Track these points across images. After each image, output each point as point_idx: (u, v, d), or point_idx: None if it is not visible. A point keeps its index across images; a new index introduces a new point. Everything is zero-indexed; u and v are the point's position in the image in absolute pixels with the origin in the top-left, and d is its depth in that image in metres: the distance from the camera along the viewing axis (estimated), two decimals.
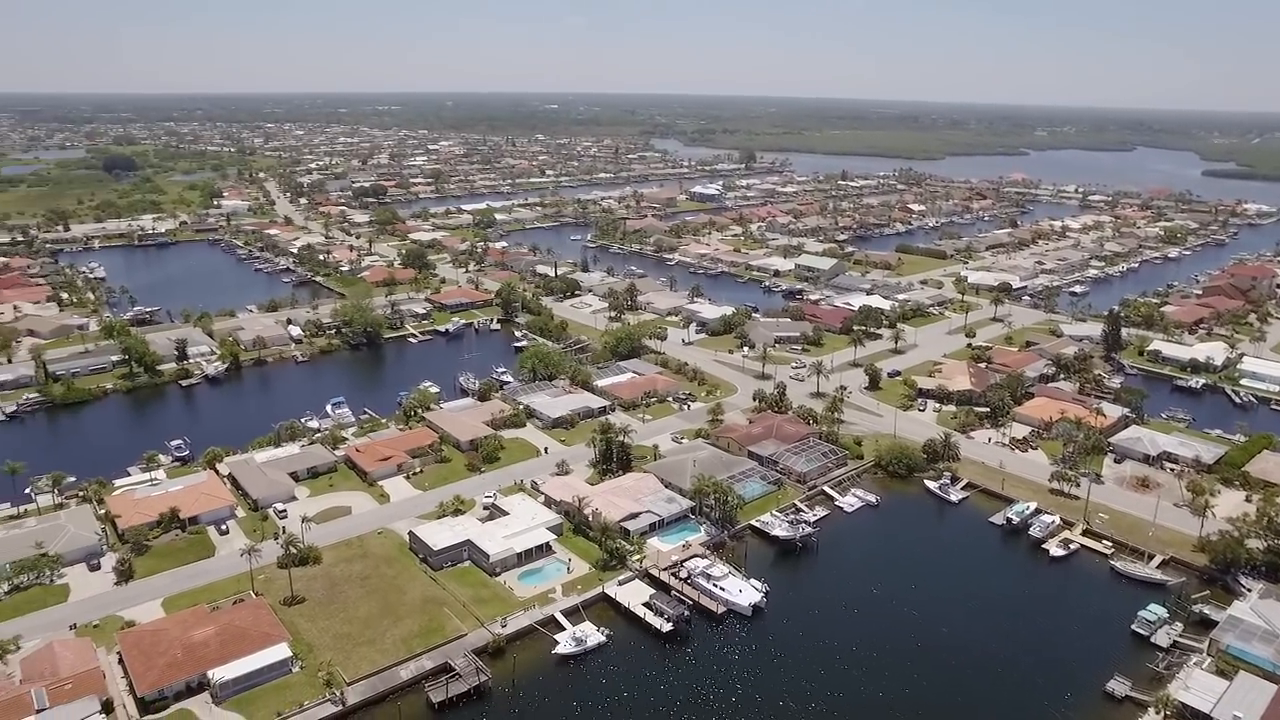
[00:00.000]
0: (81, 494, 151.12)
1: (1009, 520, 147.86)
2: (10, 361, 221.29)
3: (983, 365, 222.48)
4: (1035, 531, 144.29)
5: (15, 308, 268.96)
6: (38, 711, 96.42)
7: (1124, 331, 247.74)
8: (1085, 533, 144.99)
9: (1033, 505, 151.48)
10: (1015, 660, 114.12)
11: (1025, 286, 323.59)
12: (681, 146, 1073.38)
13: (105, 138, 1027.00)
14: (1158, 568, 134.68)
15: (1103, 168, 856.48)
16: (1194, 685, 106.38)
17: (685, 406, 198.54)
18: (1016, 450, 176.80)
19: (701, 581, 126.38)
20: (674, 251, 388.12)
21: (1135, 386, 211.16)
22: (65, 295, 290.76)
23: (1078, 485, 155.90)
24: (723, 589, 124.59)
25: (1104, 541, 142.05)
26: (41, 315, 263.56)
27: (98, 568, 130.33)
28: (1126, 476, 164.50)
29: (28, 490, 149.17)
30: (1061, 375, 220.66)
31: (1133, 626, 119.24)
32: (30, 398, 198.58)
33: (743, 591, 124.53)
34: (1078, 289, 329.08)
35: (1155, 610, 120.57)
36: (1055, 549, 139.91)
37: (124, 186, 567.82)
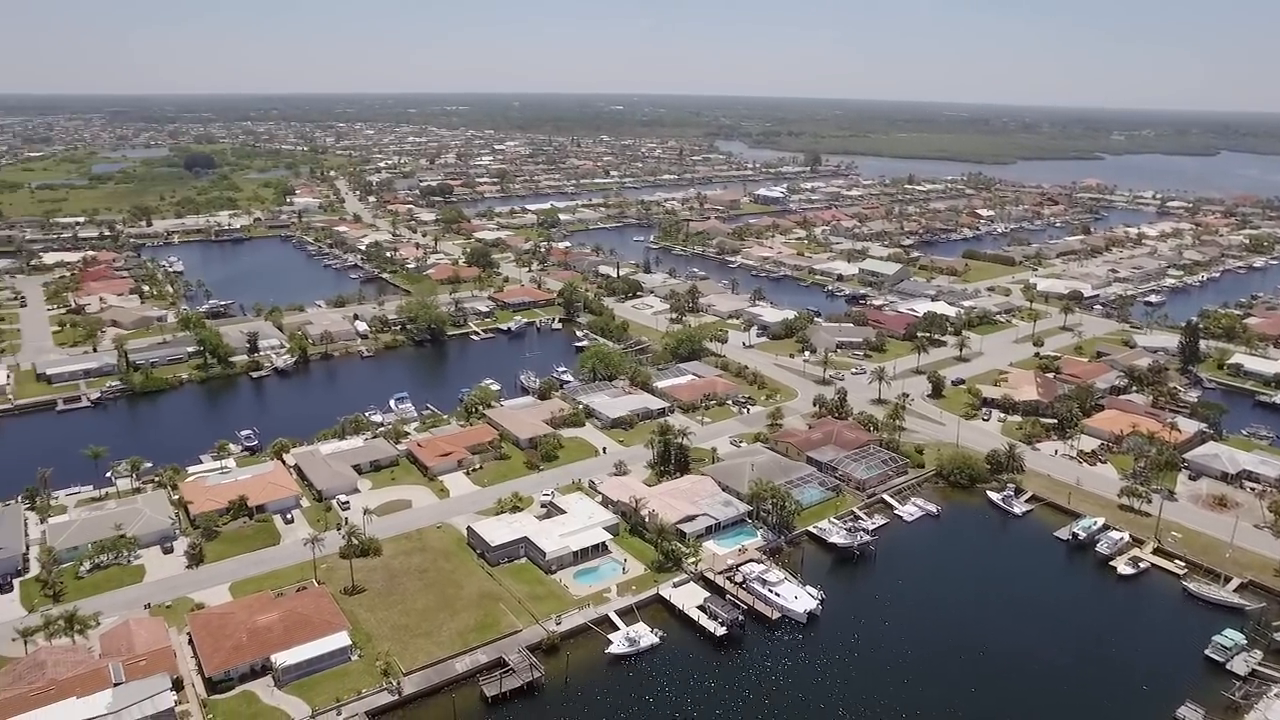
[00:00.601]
0: (157, 479, 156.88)
1: (1075, 535, 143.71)
2: (95, 350, 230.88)
3: (1050, 375, 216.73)
4: (1103, 548, 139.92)
5: (101, 299, 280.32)
6: (114, 685, 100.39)
7: (1203, 343, 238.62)
8: (1156, 551, 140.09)
9: (1100, 521, 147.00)
10: (1079, 680, 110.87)
11: (1097, 295, 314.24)
12: (746, 148, 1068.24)
13: (187, 137, 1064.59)
14: (1235, 591, 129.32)
15: (1184, 173, 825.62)
16: (1274, 717, 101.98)
17: (744, 410, 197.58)
18: (1084, 463, 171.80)
19: (757, 586, 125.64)
20: (736, 254, 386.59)
21: (1213, 401, 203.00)
22: (146, 288, 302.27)
23: (1149, 502, 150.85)
24: (778, 595, 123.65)
25: (1176, 561, 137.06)
26: (124, 307, 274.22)
27: (171, 551, 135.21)
28: (1202, 494, 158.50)
29: (108, 474, 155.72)
30: (1134, 387, 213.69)
31: (1206, 652, 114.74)
32: (113, 385, 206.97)
33: (798, 598, 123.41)
34: (1153, 298, 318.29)
35: (1232, 636, 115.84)
36: (1124, 567, 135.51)
37: (203, 184, 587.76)
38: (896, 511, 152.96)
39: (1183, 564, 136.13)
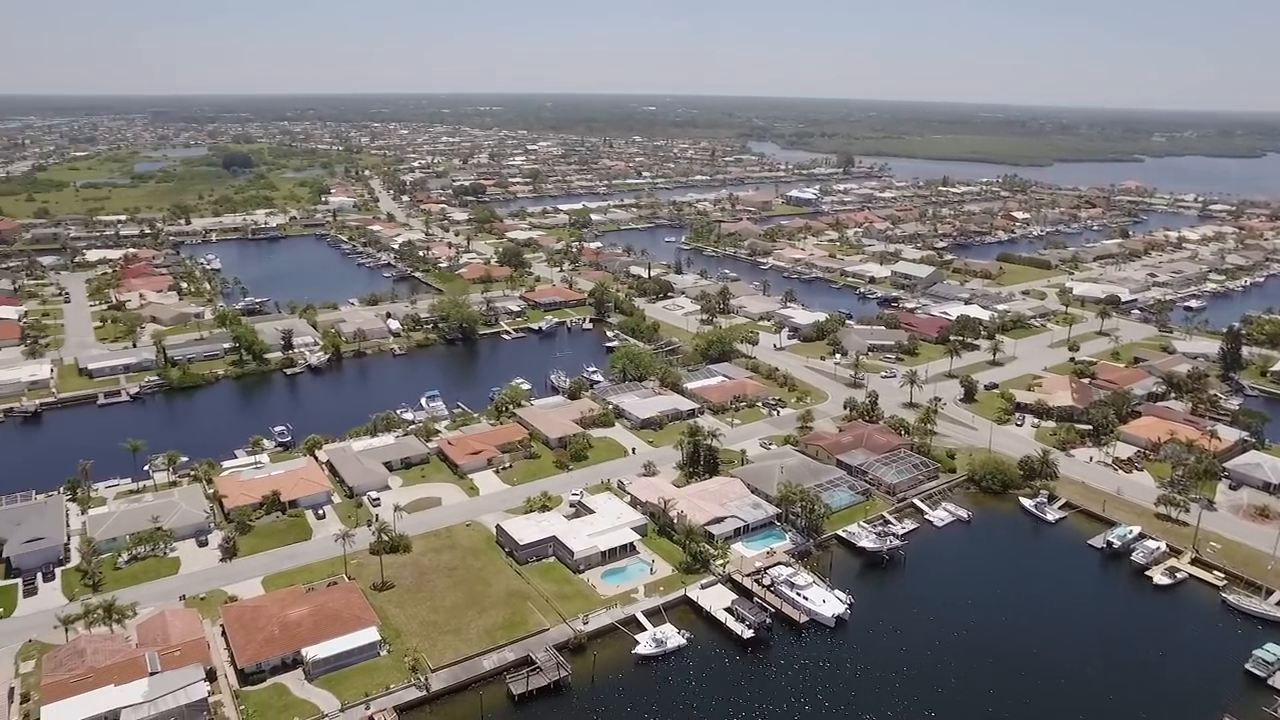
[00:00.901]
0: (193, 473, 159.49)
1: (1110, 544, 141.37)
2: (135, 346, 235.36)
3: (1086, 380, 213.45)
4: (1138, 557, 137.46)
5: (141, 295, 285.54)
6: (150, 674, 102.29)
7: (1245, 350, 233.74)
8: (1194, 562, 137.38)
9: (1136, 529, 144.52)
10: (1114, 690, 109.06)
11: (1135, 300, 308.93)
12: (779, 150, 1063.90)
13: (225, 136, 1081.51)
14: (1276, 604, 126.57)
15: (1227, 175, 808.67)
16: None
17: (775, 412, 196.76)
18: (1120, 471, 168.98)
19: (785, 590, 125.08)
20: (768, 255, 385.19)
21: (1256, 409, 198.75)
22: (184, 285, 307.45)
23: (1187, 511, 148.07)
24: (806, 598, 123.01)
25: (1215, 572, 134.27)
26: (163, 303, 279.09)
27: (205, 544, 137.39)
28: (1243, 505, 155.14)
29: (146, 467, 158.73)
30: (1172, 394, 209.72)
31: (1246, 666, 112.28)
32: (151, 380, 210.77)
33: (826, 602, 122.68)
34: (1193, 303, 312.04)
35: (1274, 650, 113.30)
36: (1160, 577, 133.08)
37: (240, 182, 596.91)
38: (927, 516, 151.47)
39: (1222, 575, 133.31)
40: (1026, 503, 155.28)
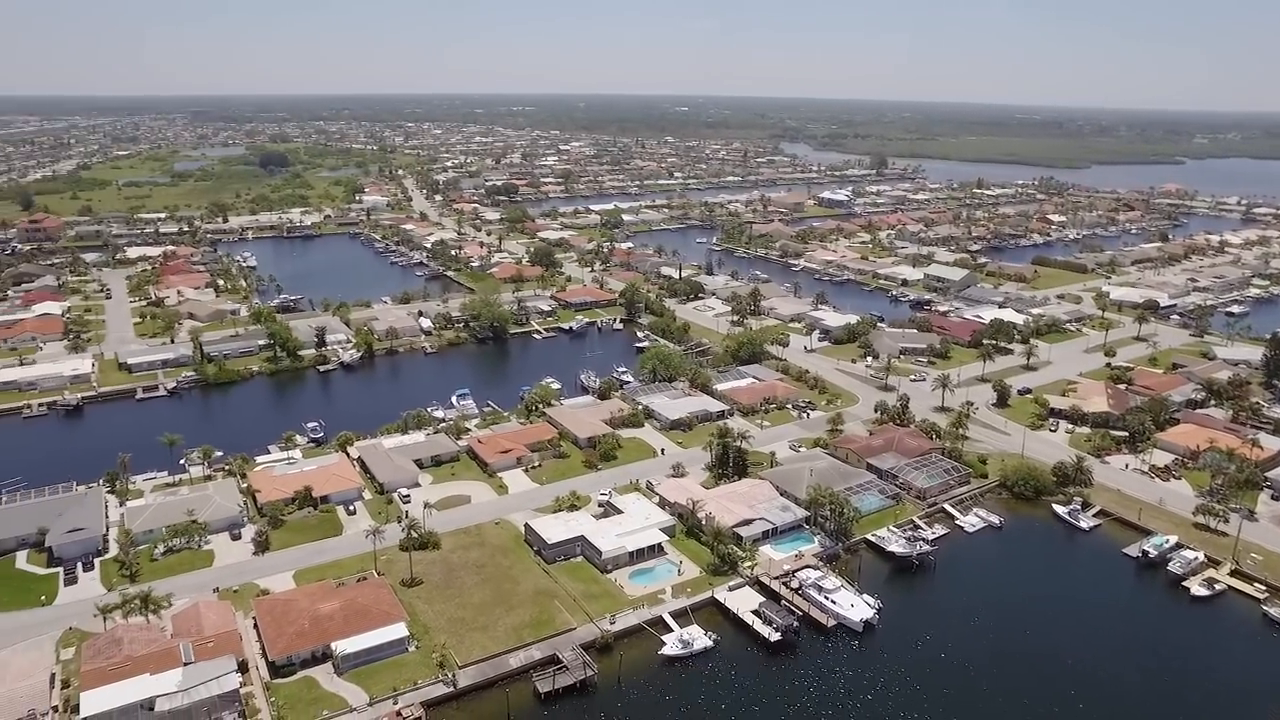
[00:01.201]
0: (227, 468, 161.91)
1: (1145, 553, 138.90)
2: (173, 342, 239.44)
3: (1122, 386, 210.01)
4: (1175, 567, 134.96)
5: (179, 292, 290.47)
6: (184, 664, 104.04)
7: None
8: (1234, 573, 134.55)
9: (1173, 539, 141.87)
10: (1148, 701, 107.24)
11: (1174, 305, 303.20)
12: (811, 151, 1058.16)
13: (263, 136, 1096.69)
14: None
15: (1273, 178, 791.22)
16: None
17: (805, 415, 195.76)
18: (1157, 479, 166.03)
19: (813, 593, 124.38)
20: (800, 257, 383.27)
21: None
22: (221, 282, 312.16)
23: (1226, 521, 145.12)
24: (834, 602, 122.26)
25: (1256, 584, 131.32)
26: (200, 300, 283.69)
27: (239, 537, 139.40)
28: None
29: (182, 461, 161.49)
30: (1212, 401, 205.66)
31: None
32: (188, 376, 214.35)
33: (854, 606, 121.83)
34: (1235, 309, 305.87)
35: None
36: (1197, 588, 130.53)
37: (276, 181, 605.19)
38: (958, 522, 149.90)
39: (1263, 588, 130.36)
40: (1060, 510, 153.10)
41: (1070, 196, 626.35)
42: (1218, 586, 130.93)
